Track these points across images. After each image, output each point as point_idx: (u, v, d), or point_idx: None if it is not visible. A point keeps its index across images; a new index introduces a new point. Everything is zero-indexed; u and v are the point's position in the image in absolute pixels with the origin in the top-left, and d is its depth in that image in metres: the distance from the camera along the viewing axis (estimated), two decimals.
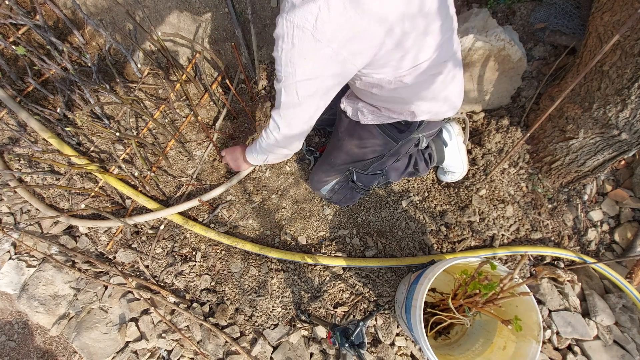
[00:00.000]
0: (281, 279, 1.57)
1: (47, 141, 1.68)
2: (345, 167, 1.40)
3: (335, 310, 1.53)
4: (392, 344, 1.49)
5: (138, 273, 1.64)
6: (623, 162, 1.66)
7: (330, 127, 1.66)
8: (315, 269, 1.59)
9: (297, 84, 0.86)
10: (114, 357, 1.57)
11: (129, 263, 1.65)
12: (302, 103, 0.92)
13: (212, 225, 1.65)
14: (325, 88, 0.89)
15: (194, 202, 1.57)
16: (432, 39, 0.90)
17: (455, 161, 1.53)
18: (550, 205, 1.64)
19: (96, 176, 1.68)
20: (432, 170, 1.69)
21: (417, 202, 1.65)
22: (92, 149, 1.68)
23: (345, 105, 1.25)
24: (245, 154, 1.28)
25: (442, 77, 1.00)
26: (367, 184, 1.46)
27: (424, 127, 1.16)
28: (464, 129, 1.63)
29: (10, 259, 1.70)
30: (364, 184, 1.46)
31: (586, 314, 1.53)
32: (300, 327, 1.52)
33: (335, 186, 1.47)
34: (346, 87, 1.28)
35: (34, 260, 1.70)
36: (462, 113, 1.70)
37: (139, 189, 1.66)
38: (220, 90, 1.74)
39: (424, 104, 1.05)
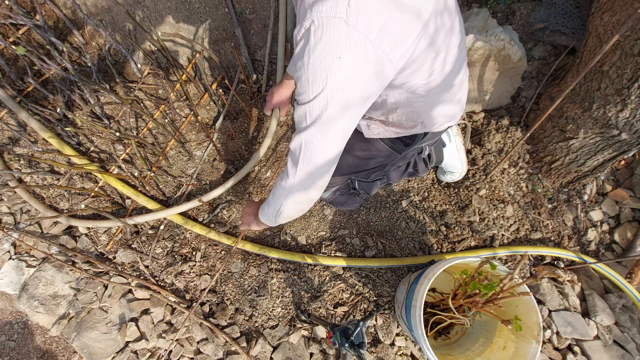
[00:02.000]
0: (281, 279, 1.57)
1: (47, 141, 1.68)
2: (346, 177, 1.38)
3: (335, 310, 1.53)
4: (392, 344, 1.49)
5: (138, 273, 1.64)
6: (623, 162, 1.66)
7: None
8: (315, 269, 1.59)
9: (331, 94, 0.67)
10: (114, 357, 1.57)
11: (129, 263, 1.65)
12: (329, 123, 0.72)
13: (212, 225, 1.65)
14: (361, 98, 0.71)
15: (194, 203, 1.57)
16: (456, 37, 0.85)
17: (454, 161, 1.53)
18: (550, 205, 1.64)
19: (96, 176, 1.68)
20: (431, 170, 1.69)
21: (417, 202, 1.65)
22: (92, 149, 1.68)
23: None
24: (257, 213, 1.09)
25: (460, 77, 0.97)
26: (368, 190, 1.45)
27: (428, 137, 1.14)
28: (463, 129, 1.63)
29: (10, 259, 1.70)
30: (365, 190, 1.45)
31: (586, 314, 1.53)
32: (300, 327, 1.52)
33: (336, 192, 1.46)
34: None
35: (34, 260, 1.70)
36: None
37: (139, 189, 1.66)
38: (220, 90, 1.74)
39: (443, 107, 0.99)
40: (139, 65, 1.70)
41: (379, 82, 0.72)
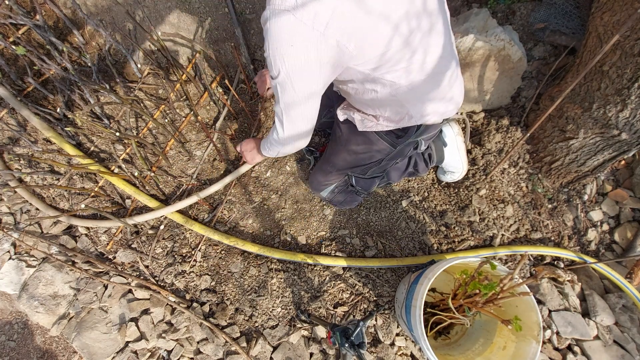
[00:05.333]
0: (281, 279, 1.57)
1: (47, 141, 1.68)
2: (344, 172, 1.40)
3: (335, 310, 1.53)
4: (392, 344, 1.49)
5: (138, 273, 1.64)
6: (623, 162, 1.66)
7: (330, 129, 1.66)
8: (315, 268, 1.59)
9: (292, 73, 0.81)
10: (114, 357, 1.57)
11: (129, 263, 1.65)
12: (300, 97, 0.88)
13: (213, 224, 1.65)
14: (320, 70, 0.84)
15: (192, 199, 1.57)
16: (438, 38, 0.91)
17: (455, 161, 1.53)
18: (550, 205, 1.64)
19: (96, 176, 1.68)
20: (432, 170, 1.69)
21: (417, 202, 1.65)
22: (92, 149, 1.68)
23: (341, 115, 1.25)
24: (259, 147, 1.32)
25: (448, 76, 1.00)
26: (366, 188, 1.45)
27: (422, 131, 1.15)
28: (464, 129, 1.63)
29: (10, 259, 1.70)
30: (363, 188, 1.45)
31: (586, 314, 1.53)
32: (300, 327, 1.52)
33: (335, 189, 1.47)
34: (342, 98, 1.28)
35: (33, 260, 1.70)
36: (462, 113, 1.70)
37: (139, 188, 1.66)
38: (220, 90, 1.74)
39: (431, 105, 1.04)
40: (139, 65, 1.70)
41: (333, 64, 0.83)
